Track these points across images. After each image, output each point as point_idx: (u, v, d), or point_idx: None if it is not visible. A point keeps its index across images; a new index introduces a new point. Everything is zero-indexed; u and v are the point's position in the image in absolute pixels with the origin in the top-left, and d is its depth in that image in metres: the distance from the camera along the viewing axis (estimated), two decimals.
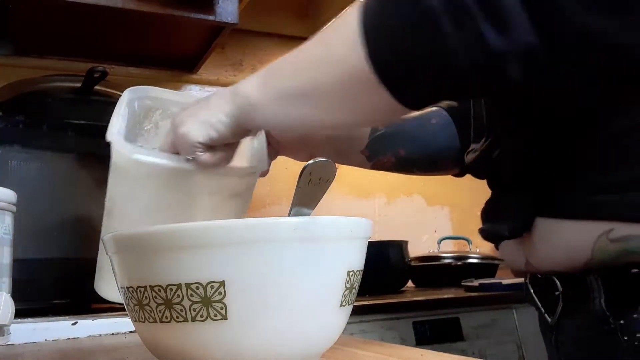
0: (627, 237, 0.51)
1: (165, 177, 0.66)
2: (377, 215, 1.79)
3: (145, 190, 0.69)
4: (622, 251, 0.52)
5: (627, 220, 0.51)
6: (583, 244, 0.54)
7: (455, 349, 1.12)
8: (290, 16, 1.70)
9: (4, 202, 0.62)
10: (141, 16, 1.14)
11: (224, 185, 0.70)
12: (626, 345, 0.53)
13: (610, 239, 0.52)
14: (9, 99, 0.98)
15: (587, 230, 0.53)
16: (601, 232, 0.52)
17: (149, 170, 0.66)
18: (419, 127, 0.81)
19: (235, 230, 0.38)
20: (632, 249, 0.51)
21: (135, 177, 0.67)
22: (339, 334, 0.44)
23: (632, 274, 0.52)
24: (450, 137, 0.79)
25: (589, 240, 0.53)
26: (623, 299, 0.54)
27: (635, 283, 0.53)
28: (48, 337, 0.72)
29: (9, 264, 0.63)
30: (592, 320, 0.57)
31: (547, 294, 0.62)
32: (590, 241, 0.53)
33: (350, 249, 0.42)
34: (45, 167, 0.94)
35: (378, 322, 1.09)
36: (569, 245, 0.55)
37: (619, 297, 0.54)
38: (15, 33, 1.27)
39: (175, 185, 0.67)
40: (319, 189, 0.45)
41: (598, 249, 0.53)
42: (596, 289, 0.55)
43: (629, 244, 0.51)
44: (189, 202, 0.70)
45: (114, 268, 0.43)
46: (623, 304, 0.54)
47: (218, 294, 0.37)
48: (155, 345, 0.42)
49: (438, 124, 0.80)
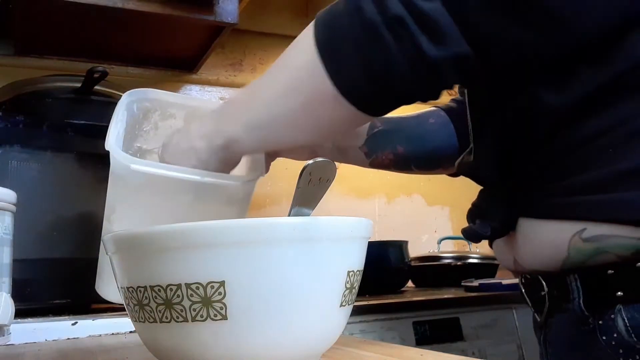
0: (599, 236, 0.53)
1: (162, 186, 0.67)
2: (377, 215, 1.79)
3: (142, 198, 0.70)
4: (594, 250, 0.53)
5: (597, 221, 0.53)
6: (559, 243, 0.55)
7: (455, 349, 1.12)
8: (290, 16, 1.70)
9: (4, 202, 0.62)
10: (141, 16, 1.14)
11: (222, 193, 0.71)
12: (605, 344, 0.54)
13: (583, 238, 0.53)
14: (9, 99, 0.98)
15: (562, 230, 0.55)
16: (574, 232, 0.54)
17: (145, 180, 0.67)
18: (417, 125, 0.82)
19: (235, 230, 0.38)
20: (603, 248, 0.53)
21: (133, 185, 0.68)
22: (339, 334, 0.44)
23: (608, 274, 0.53)
24: (449, 136, 0.81)
25: (564, 240, 0.55)
26: (600, 299, 0.55)
27: (611, 283, 0.53)
28: (48, 337, 0.72)
29: (9, 264, 0.63)
30: (573, 320, 0.58)
31: (534, 294, 0.63)
32: (566, 240, 0.55)
33: (350, 249, 0.42)
34: (45, 167, 0.94)
35: (378, 322, 1.09)
36: (547, 244, 0.57)
37: (596, 297, 0.55)
38: (15, 33, 1.27)
39: (172, 194, 0.69)
40: (319, 189, 0.45)
41: (573, 248, 0.54)
42: (575, 289, 0.56)
43: (600, 243, 0.53)
44: (186, 210, 0.70)
45: (114, 268, 0.43)
46: (601, 304, 0.55)
47: (218, 294, 0.37)
48: (155, 345, 0.42)
49: (436, 123, 0.82)
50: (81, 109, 0.97)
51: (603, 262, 0.53)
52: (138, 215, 0.71)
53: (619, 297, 0.53)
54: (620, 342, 0.52)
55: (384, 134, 0.81)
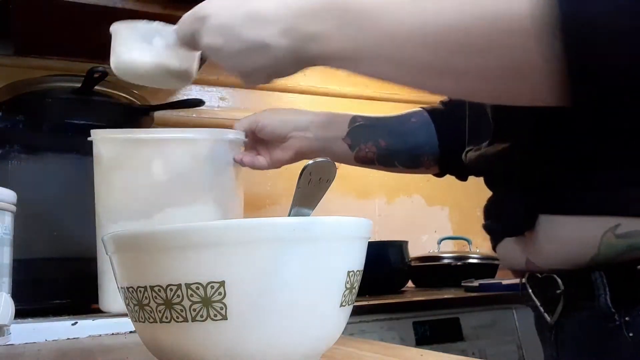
0: (634, 232, 0.52)
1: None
2: (377, 215, 1.79)
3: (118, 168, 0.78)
4: (628, 247, 0.52)
5: (633, 216, 0.51)
6: (589, 239, 0.54)
7: (455, 349, 1.12)
8: None
9: (4, 202, 0.62)
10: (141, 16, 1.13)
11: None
12: (632, 341, 0.53)
13: (616, 234, 0.52)
14: (9, 99, 0.98)
15: (593, 226, 0.53)
16: (608, 228, 0.53)
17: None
18: (398, 123, 0.85)
19: (235, 230, 0.38)
20: (638, 244, 0.52)
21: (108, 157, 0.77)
22: (339, 334, 0.44)
23: (638, 270, 0.53)
24: (429, 135, 0.83)
25: (595, 236, 0.53)
26: (628, 295, 0.54)
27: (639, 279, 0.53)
28: (48, 337, 0.72)
29: (9, 264, 0.63)
30: (597, 318, 0.57)
31: (546, 293, 0.62)
32: (597, 237, 0.53)
33: (350, 249, 0.42)
34: (45, 167, 0.94)
35: (378, 322, 1.09)
36: (575, 241, 0.55)
37: (624, 293, 0.54)
38: (15, 33, 1.27)
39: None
40: (319, 189, 0.45)
41: (604, 245, 0.53)
42: (601, 285, 0.55)
43: (635, 240, 0.52)
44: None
45: (113, 268, 0.43)
46: (629, 300, 0.54)
47: (218, 294, 0.37)
48: (155, 345, 0.42)
49: (418, 122, 0.84)
50: (81, 109, 0.97)
51: (633, 258, 0.52)
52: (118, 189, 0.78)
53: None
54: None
55: (364, 128, 0.83)
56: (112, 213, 0.79)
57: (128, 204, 0.79)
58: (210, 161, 0.80)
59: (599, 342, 0.57)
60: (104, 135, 0.79)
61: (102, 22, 1.21)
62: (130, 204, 0.79)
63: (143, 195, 0.79)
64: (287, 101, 1.71)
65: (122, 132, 0.80)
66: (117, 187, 0.79)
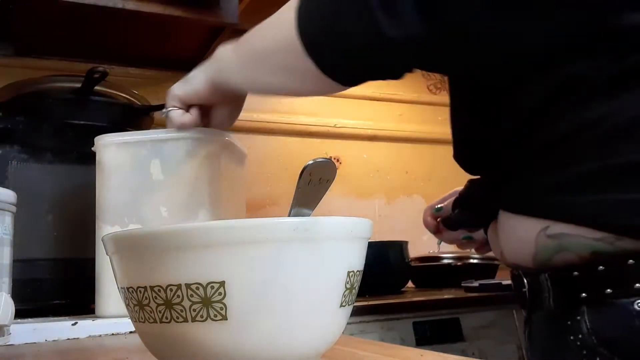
0: (561, 234, 0.54)
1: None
2: (377, 215, 1.79)
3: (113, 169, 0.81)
4: (557, 247, 0.54)
5: (560, 220, 0.54)
6: (529, 238, 0.56)
7: (455, 349, 1.12)
8: None
9: (4, 202, 0.62)
10: (141, 16, 1.14)
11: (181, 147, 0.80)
12: (573, 345, 0.54)
13: (547, 235, 0.55)
14: (9, 99, 0.98)
15: (530, 226, 0.56)
16: (540, 228, 0.55)
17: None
18: None
19: (235, 231, 0.38)
20: (565, 246, 0.54)
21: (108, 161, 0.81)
22: (339, 334, 0.44)
23: (574, 276, 0.54)
24: None
25: (532, 235, 0.56)
26: (568, 299, 0.55)
27: (576, 284, 0.54)
28: (48, 338, 0.72)
29: (9, 264, 0.63)
30: (548, 318, 0.59)
31: (518, 289, 0.64)
32: (533, 236, 0.56)
33: (350, 249, 0.42)
34: (45, 167, 0.94)
35: (378, 322, 1.09)
36: (519, 238, 0.58)
37: (565, 297, 0.56)
38: (15, 33, 1.27)
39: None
40: (319, 189, 0.45)
41: (539, 244, 0.56)
42: (547, 288, 0.57)
43: (562, 241, 0.54)
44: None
45: (113, 268, 0.43)
46: (569, 304, 0.55)
47: (218, 294, 0.37)
48: (155, 346, 0.42)
49: None
50: (81, 109, 0.97)
51: (567, 261, 0.54)
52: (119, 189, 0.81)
53: (583, 298, 0.53)
54: (584, 343, 0.53)
55: None
56: (111, 214, 0.80)
57: (128, 205, 0.79)
58: (210, 161, 0.80)
59: (552, 341, 0.58)
60: (106, 140, 0.80)
61: (102, 22, 1.21)
62: (130, 205, 0.79)
63: (143, 195, 0.79)
64: (285, 102, 1.71)
65: (122, 135, 0.81)
66: (117, 187, 0.80)
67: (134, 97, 1.09)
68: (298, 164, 0.66)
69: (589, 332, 0.53)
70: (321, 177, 0.44)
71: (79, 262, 0.90)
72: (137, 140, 0.80)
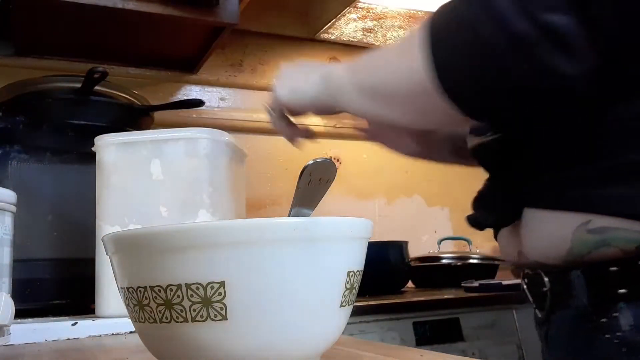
0: (604, 228, 0.53)
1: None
2: (377, 215, 1.79)
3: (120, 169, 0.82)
4: (599, 242, 0.53)
5: (603, 214, 0.53)
6: (563, 234, 0.55)
7: (455, 349, 1.12)
8: (290, 16, 1.69)
9: (4, 202, 0.62)
10: (141, 16, 1.14)
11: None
12: (607, 343, 0.54)
13: (588, 230, 0.54)
14: (9, 99, 0.98)
15: (567, 221, 0.55)
16: (580, 223, 0.54)
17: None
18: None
19: (235, 231, 0.38)
20: (608, 240, 0.53)
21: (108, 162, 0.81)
22: (339, 334, 0.44)
23: (611, 271, 0.53)
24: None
25: (568, 231, 0.55)
26: (603, 296, 0.55)
27: (614, 280, 0.54)
28: (48, 338, 0.72)
29: (9, 264, 0.63)
30: (576, 317, 0.58)
31: (536, 290, 0.63)
32: (570, 231, 0.55)
33: (350, 249, 0.42)
34: (45, 167, 0.94)
35: (378, 322, 1.09)
36: (551, 235, 0.57)
37: (599, 294, 0.55)
38: (15, 33, 1.27)
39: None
40: (319, 190, 0.45)
41: (577, 240, 0.55)
42: (578, 285, 0.56)
43: (606, 235, 0.53)
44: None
45: (113, 268, 0.43)
46: (604, 301, 0.55)
47: (218, 295, 0.37)
48: (155, 346, 0.42)
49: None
50: (81, 109, 0.97)
51: (605, 255, 0.53)
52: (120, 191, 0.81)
53: (622, 294, 0.53)
54: (624, 341, 0.52)
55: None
56: (111, 214, 0.80)
57: (128, 205, 0.79)
58: (210, 161, 0.80)
59: (580, 341, 0.58)
60: (106, 140, 0.80)
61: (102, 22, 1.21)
62: (130, 205, 0.79)
63: (143, 195, 0.79)
64: None
65: (122, 135, 0.81)
66: (117, 187, 0.80)
67: (134, 97, 1.09)
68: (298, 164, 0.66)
69: (632, 329, 0.52)
70: (321, 177, 0.44)
71: (79, 262, 0.90)
72: (137, 140, 0.80)
